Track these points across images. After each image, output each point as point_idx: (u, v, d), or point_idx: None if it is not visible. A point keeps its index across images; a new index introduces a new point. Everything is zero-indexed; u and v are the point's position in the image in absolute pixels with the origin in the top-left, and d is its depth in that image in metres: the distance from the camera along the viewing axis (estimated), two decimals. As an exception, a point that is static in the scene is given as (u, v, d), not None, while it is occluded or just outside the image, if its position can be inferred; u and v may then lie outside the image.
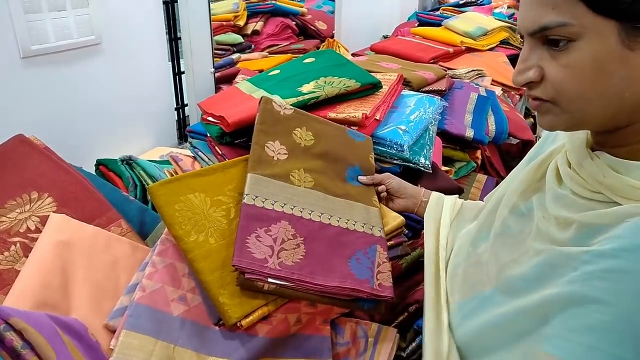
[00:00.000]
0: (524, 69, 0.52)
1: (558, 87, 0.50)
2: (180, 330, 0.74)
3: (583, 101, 0.49)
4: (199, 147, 1.11)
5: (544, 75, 0.51)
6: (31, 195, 0.82)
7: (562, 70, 0.49)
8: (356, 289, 0.79)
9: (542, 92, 0.51)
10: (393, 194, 0.99)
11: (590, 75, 0.47)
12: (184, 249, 0.77)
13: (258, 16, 2.19)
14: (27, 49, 1.08)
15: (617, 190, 0.50)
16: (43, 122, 1.13)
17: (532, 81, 0.51)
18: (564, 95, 0.50)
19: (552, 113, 0.52)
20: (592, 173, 0.53)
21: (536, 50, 0.51)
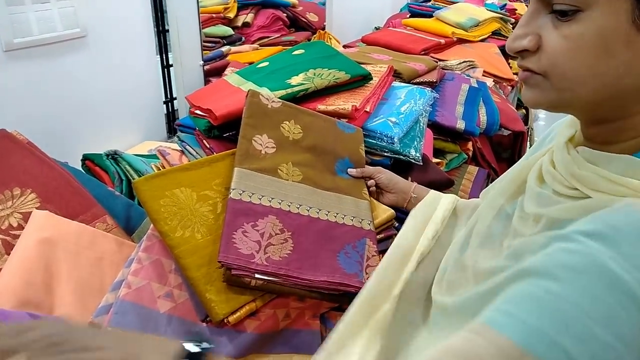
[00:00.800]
0: (521, 35, 0.48)
1: (554, 59, 0.45)
2: (167, 327, 0.73)
3: (576, 80, 0.45)
4: (186, 141, 1.10)
5: (541, 45, 0.46)
6: (13, 192, 0.81)
7: (562, 41, 0.45)
8: (344, 284, 0.79)
9: (535, 63, 0.47)
10: (383, 189, 0.98)
11: (591, 51, 0.43)
12: (170, 245, 0.75)
13: (248, 8, 2.16)
14: (10, 43, 1.05)
15: (590, 183, 0.47)
16: (27, 117, 1.10)
17: (526, 49, 0.47)
18: (558, 69, 0.46)
19: (539, 88, 0.48)
20: (568, 167, 0.50)
21: (539, 17, 0.47)
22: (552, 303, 0.38)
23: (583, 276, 0.38)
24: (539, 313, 0.38)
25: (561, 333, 0.36)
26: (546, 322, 0.37)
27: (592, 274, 0.38)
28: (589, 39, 0.43)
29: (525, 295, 0.40)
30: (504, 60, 2.06)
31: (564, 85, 0.46)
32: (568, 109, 0.50)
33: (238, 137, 0.90)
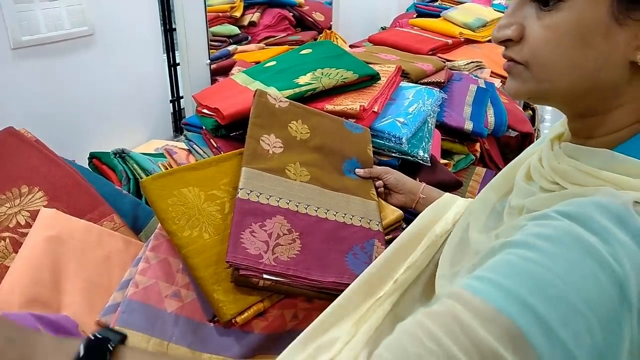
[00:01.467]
0: (506, 24, 0.48)
1: (534, 49, 0.46)
2: (174, 326, 0.73)
3: (555, 70, 0.46)
4: (194, 140, 1.09)
5: (524, 35, 0.47)
6: (21, 190, 0.81)
7: (543, 31, 0.45)
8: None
9: (517, 53, 0.48)
10: (391, 189, 0.97)
11: (570, 41, 0.44)
12: (178, 244, 0.75)
13: (255, 7, 2.16)
14: (18, 40, 1.05)
15: (569, 176, 0.47)
16: (34, 115, 1.10)
17: (510, 39, 0.48)
18: (537, 59, 0.46)
19: (521, 78, 0.49)
20: (550, 162, 0.50)
21: (523, 7, 0.48)
22: (527, 268, 0.38)
23: (558, 244, 0.38)
24: (514, 277, 0.38)
25: (534, 295, 0.36)
26: (520, 285, 0.37)
27: (567, 243, 0.38)
28: (569, 29, 0.44)
29: (502, 263, 0.40)
30: (512, 61, 2.05)
31: (543, 75, 0.47)
32: (548, 100, 0.50)
33: (245, 136, 0.90)
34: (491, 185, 0.63)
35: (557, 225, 0.40)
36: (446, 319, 0.38)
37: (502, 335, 0.35)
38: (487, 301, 0.37)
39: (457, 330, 0.37)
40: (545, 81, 0.47)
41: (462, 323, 0.37)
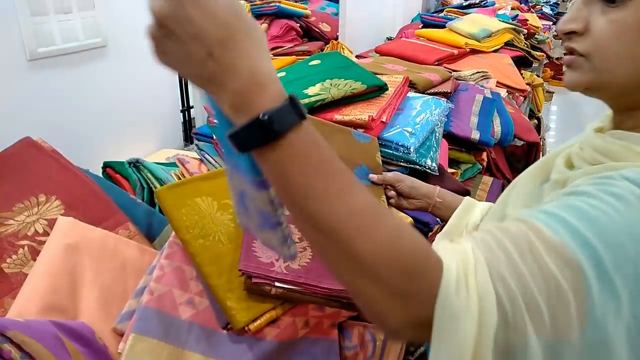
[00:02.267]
0: (572, 18, 0.52)
1: (598, 41, 0.50)
2: (188, 333, 0.74)
3: (615, 62, 0.49)
4: (205, 150, 1.11)
5: (588, 28, 0.51)
6: (39, 198, 0.82)
7: (608, 25, 0.49)
8: None
9: (580, 45, 0.52)
10: (408, 195, 0.97)
11: (632, 36, 0.48)
12: (192, 252, 0.76)
13: (262, 18, 2.18)
14: (34, 52, 1.08)
15: (618, 155, 0.50)
16: (49, 125, 1.12)
17: (574, 31, 0.52)
18: (600, 51, 0.50)
19: (581, 69, 0.52)
20: (594, 144, 0.53)
21: (590, 3, 0.52)
22: (594, 215, 0.41)
23: (622, 201, 0.42)
24: (582, 220, 0.41)
25: (597, 239, 0.39)
26: (586, 228, 0.40)
27: (631, 202, 0.42)
28: (632, 25, 0.48)
29: (571, 206, 0.43)
30: (517, 71, 2.06)
31: (604, 66, 0.50)
32: (603, 92, 0.53)
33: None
34: (526, 180, 0.66)
35: (621, 185, 0.43)
36: (521, 242, 0.40)
37: (565, 267, 0.39)
38: (556, 235, 0.40)
39: (528, 255, 0.40)
40: (604, 72, 0.51)
41: (533, 249, 0.40)
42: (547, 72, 4.92)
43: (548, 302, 0.39)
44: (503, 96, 1.71)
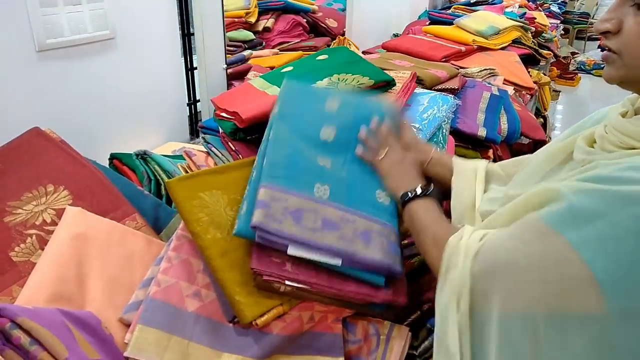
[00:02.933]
0: (607, 19, 0.58)
1: (628, 40, 0.56)
2: (195, 326, 0.74)
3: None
4: (212, 143, 1.11)
5: (621, 28, 0.57)
6: (47, 188, 0.83)
7: (637, 26, 0.55)
8: (371, 294, 0.79)
9: (614, 43, 0.58)
10: (404, 148, 0.93)
11: None
12: (201, 245, 0.77)
13: (269, 13, 2.18)
14: (43, 43, 1.08)
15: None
16: (57, 116, 1.13)
17: (609, 31, 0.58)
18: (630, 49, 0.56)
19: (615, 65, 0.58)
20: (625, 128, 0.58)
21: (624, 6, 0.57)
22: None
23: None
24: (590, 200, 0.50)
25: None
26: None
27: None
28: None
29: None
30: (524, 69, 2.05)
31: (634, 63, 0.57)
32: (636, 85, 0.60)
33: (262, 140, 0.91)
34: (544, 159, 0.71)
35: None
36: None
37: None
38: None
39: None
40: (635, 68, 0.57)
41: None
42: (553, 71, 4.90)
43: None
44: (510, 94, 1.71)
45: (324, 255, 0.76)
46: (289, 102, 0.92)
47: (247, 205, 0.78)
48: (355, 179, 0.88)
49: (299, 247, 0.75)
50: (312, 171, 0.84)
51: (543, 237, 0.53)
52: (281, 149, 0.83)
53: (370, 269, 0.78)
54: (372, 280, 0.79)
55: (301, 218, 0.76)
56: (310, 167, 0.84)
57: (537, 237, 0.53)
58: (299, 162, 0.83)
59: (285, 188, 0.79)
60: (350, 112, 0.95)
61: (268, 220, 0.73)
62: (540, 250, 0.52)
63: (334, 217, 0.80)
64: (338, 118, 0.93)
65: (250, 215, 0.74)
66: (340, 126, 0.92)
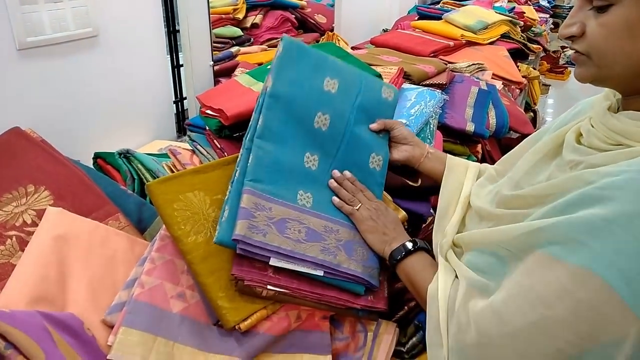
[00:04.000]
0: (570, 23, 0.60)
1: (592, 42, 0.58)
2: (180, 327, 0.73)
3: (610, 58, 0.57)
4: (197, 141, 1.10)
5: (585, 31, 0.59)
6: (27, 189, 0.81)
7: (598, 28, 0.57)
8: (351, 300, 0.80)
9: (580, 46, 0.59)
10: (401, 142, 0.96)
11: (620, 36, 0.55)
12: (183, 250, 0.76)
13: (257, 9, 2.17)
14: (23, 41, 1.06)
15: (634, 134, 0.56)
16: (39, 115, 1.11)
17: (574, 35, 0.60)
18: (596, 50, 0.58)
19: (585, 66, 0.60)
20: (611, 125, 0.59)
21: (583, 10, 0.59)
22: (604, 228, 0.49)
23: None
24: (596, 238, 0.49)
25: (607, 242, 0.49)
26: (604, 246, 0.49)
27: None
28: (619, 26, 0.55)
29: (581, 224, 0.51)
30: (513, 63, 2.05)
31: (602, 62, 0.58)
32: (608, 82, 0.61)
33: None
34: (533, 151, 0.72)
35: (631, 184, 0.50)
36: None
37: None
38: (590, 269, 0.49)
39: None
40: (603, 67, 0.58)
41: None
42: (543, 65, 4.92)
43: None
44: (499, 88, 1.71)
45: (307, 266, 0.76)
46: (284, 73, 0.85)
47: (229, 211, 0.76)
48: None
49: (281, 258, 0.75)
50: (297, 175, 0.83)
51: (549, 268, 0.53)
52: (267, 145, 0.81)
53: (350, 279, 0.80)
54: (353, 289, 0.80)
55: (285, 229, 0.76)
56: (294, 170, 0.83)
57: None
58: (284, 163, 0.82)
59: (268, 195, 0.78)
60: (350, 99, 0.91)
61: (251, 231, 0.73)
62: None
63: (318, 227, 0.80)
64: (335, 103, 0.89)
65: (233, 223, 0.73)
66: (336, 114, 0.88)
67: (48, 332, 0.58)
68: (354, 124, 0.91)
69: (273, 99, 0.83)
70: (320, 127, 0.87)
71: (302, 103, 0.85)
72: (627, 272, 0.47)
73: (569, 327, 0.50)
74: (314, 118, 0.86)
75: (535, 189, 0.63)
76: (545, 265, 0.53)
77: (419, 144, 0.96)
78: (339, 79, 0.91)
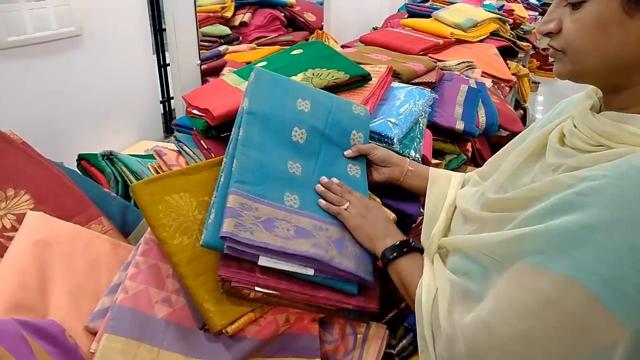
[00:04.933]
0: (548, 20, 0.62)
1: (567, 38, 0.59)
2: (165, 332, 0.71)
3: (584, 54, 0.58)
4: (184, 141, 1.08)
5: (561, 28, 0.60)
6: (7, 192, 0.79)
7: (573, 25, 0.58)
8: (342, 301, 0.78)
9: (557, 42, 0.61)
10: (379, 164, 0.96)
11: (593, 32, 0.56)
12: (168, 252, 0.74)
13: (246, 7, 2.15)
14: (4, 41, 1.04)
15: (616, 137, 0.56)
16: (22, 117, 1.09)
17: (551, 32, 0.61)
18: (571, 46, 0.59)
19: (562, 62, 0.61)
20: (592, 126, 0.59)
21: (560, 7, 0.61)
22: (585, 236, 0.49)
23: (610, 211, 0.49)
24: (577, 247, 0.49)
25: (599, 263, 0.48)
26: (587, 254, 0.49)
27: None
28: (591, 22, 0.56)
29: (561, 233, 0.51)
30: (503, 61, 2.06)
31: (577, 58, 0.59)
32: (585, 78, 0.62)
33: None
34: (517, 152, 0.72)
35: (609, 188, 0.49)
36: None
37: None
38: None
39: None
40: (578, 63, 0.59)
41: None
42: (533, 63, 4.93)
43: None
44: (488, 86, 1.70)
45: (297, 264, 0.74)
46: (258, 95, 0.88)
47: (215, 213, 0.75)
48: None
49: (271, 256, 0.73)
50: (282, 179, 0.82)
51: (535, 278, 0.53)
52: (250, 151, 0.80)
53: (343, 278, 0.77)
54: (345, 289, 0.78)
55: (273, 227, 0.74)
56: (279, 174, 0.82)
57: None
58: (269, 167, 0.81)
59: (254, 196, 0.76)
60: (323, 115, 0.94)
61: (238, 229, 0.71)
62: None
63: (307, 226, 0.78)
64: (310, 119, 0.91)
65: (219, 224, 0.72)
66: (311, 129, 0.90)
67: (25, 341, 0.56)
68: (329, 138, 0.93)
69: (251, 115, 0.85)
70: (298, 140, 0.88)
71: (279, 119, 0.88)
72: (609, 279, 0.47)
73: (556, 336, 0.50)
74: (291, 132, 0.88)
75: (518, 192, 0.63)
76: (530, 275, 0.53)
77: (398, 163, 0.95)
78: (311, 100, 0.94)
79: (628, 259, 0.47)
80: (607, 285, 0.47)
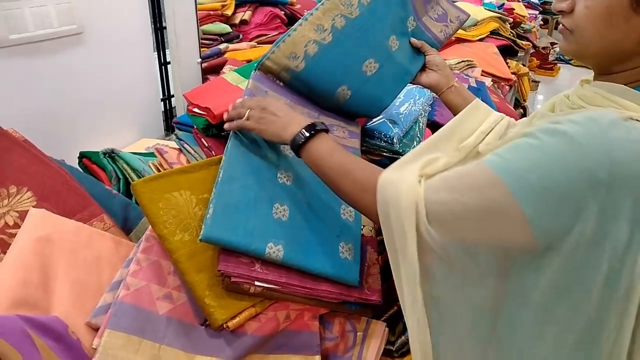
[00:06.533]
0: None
1: (577, 21, 0.62)
2: (166, 329, 0.72)
3: (589, 38, 0.62)
4: (184, 139, 1.08)
5: (573, 9, 0.63)
6: (9, 190, 0.80)
7: (584, 9, 0.61)
8: (344, 294, 0.78)
9: (567, 21, 0.64)
10: (432, 67, 1.03)
11: (600, 19, 0.60)
12: (169, 248, 0.74)
13: (246, 5, 2.15)
14: (5, 39, 1.04)
15: (591, 99, 0.62)
16: (23, 115, 1.09)
17: (563, 10, 0.64)
18: (578, 28, 0.62)
19: (568, 40, 0.65)
20: (578, 92, 0.65)
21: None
22: (529, 151, 0.55)
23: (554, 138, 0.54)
24: (517, 155, 0.55)
25: (530, 171, 0.53)
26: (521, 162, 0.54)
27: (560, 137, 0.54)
28: (600, 10, 0.60)
29: (512, 145, 0.57)
30: (502, 60, 2.06)
31: (581, 40, 0.63)
32: (585, 59, 0.66)
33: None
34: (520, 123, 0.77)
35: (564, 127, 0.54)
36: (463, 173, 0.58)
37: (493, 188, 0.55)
38: (491, 168, 0.55)
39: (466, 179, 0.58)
40: (582, 45, 0.63)
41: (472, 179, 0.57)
42: (533, 62, 4.94)
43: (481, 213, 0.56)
44: (488, 85, 1.71)
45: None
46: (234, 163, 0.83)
47: (213, 209, 0.75)
48: (314, 227, 0.82)
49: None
50: (266, 227, 0.77)
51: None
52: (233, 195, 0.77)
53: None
54: (346, 278, 0.79)
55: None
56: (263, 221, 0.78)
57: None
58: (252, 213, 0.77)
59: (235, 245, 0.73)
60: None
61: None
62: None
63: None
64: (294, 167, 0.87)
65: (217, 220, 0.73)
66: (296, 173, 0.87)
67: (29, 337, 0.57)
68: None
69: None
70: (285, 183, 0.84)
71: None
72: (519, 170, 0.54)
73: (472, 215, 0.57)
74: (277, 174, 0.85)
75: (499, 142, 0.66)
76: (474, 166, 0.59)
77: (448, 75, 1.01)
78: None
79: (549, 180, 0.52)
80: (529, 194, 0.53)
